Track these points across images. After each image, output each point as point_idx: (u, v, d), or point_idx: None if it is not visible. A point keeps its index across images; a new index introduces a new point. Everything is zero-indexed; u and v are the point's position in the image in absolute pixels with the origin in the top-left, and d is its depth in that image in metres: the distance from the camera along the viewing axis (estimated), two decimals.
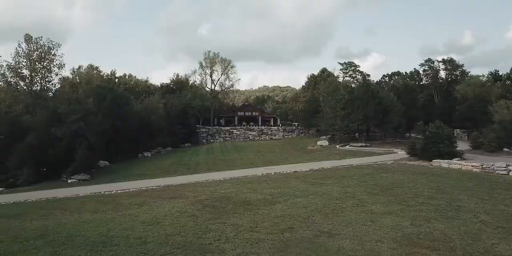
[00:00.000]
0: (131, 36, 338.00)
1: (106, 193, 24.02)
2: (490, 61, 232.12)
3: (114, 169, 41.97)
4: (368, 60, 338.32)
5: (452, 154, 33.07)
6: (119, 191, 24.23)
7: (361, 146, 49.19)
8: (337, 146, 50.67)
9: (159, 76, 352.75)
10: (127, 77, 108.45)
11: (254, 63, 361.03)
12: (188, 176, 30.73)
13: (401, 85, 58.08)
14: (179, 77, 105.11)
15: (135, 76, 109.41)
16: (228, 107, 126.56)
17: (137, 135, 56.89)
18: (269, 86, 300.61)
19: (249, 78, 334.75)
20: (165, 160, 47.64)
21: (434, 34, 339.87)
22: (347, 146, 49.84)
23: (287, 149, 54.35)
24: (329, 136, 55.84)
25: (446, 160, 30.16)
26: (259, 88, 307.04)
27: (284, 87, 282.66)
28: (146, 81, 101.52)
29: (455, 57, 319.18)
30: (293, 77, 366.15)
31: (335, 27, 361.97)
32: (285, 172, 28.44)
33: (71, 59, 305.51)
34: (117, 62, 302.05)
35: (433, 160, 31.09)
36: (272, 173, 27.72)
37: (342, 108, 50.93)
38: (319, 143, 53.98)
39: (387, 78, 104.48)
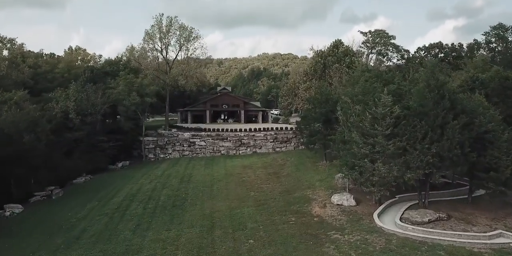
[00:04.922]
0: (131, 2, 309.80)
1: None
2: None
3: None
4: (375, 25, 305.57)
5: None
6: None
7: (429, 221, 22.90)
8: (375, 214, 24.26)
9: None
10: (75, 50, 79.95)
11: (257, 28, 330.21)
12: None
13: (491, 77, 29.95)
14: (135, 50, 76.64)
15: (84, 50, 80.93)
16: (210, 88, 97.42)
17: None
18: (269, 53, 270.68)
19: (251, 44, 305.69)
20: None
21: None
22: (396, 220, 23.34)
23: (273, 209, 27.78)
24: (350, 173, 28.43)
25: None
26: (258, 55, 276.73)
27: (285, 55, 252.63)
28: (84, 58, 73.47)
29: (464, 21, 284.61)
30: (296, 43, 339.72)
31: None
32: None
33: (69, 27, 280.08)
34: (117, 30, 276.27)
35: None
36: None
37: (387, 135, 23.75)
38: (336, 199, 27.26)
39: (423, 52, 74.95)
